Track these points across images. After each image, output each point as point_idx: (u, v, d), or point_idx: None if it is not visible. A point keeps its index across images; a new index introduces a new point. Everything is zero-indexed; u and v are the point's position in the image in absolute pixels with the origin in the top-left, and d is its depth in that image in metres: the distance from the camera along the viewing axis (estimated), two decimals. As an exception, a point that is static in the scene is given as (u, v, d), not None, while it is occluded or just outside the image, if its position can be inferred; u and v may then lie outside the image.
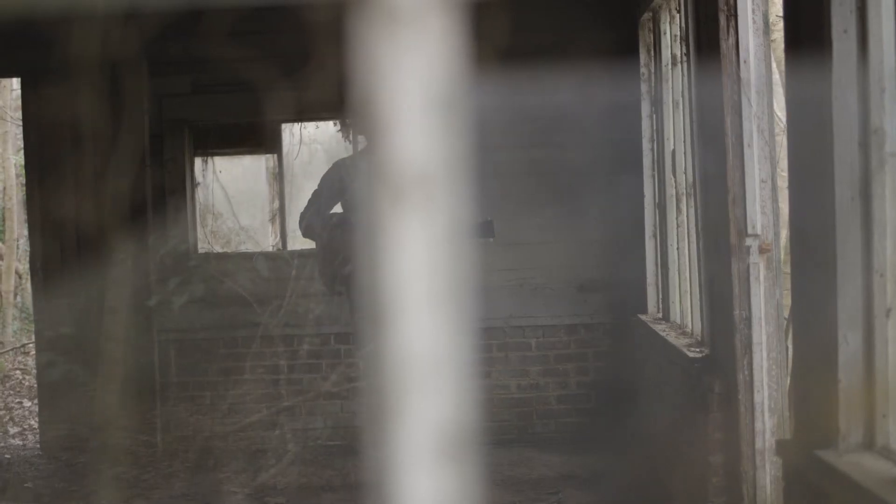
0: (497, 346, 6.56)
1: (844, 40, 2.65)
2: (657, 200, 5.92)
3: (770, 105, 4.04)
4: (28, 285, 12.59)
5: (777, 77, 6.93)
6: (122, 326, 6.31)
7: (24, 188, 7.16)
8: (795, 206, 3.11)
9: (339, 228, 5.29)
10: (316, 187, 5.53)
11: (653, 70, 5.96)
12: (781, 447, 3.28)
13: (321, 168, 9.49)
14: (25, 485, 5.91)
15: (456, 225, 0.64)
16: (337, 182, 5.37)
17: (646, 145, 6.06)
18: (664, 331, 5.38)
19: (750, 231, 3.98)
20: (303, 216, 5.44)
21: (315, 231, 5.39)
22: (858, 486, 2.43)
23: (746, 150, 3.98)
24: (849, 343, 2.66)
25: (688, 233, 5.23)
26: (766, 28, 4.03)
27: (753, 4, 4.01)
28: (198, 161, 6.99)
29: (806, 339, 3.00)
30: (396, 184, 0.62)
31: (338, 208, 5.68)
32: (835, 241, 2.67)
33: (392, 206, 0.62)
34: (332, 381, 5.94)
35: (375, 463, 0.65)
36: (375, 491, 0.65)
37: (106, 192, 6.47)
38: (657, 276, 5.98)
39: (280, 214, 7.07)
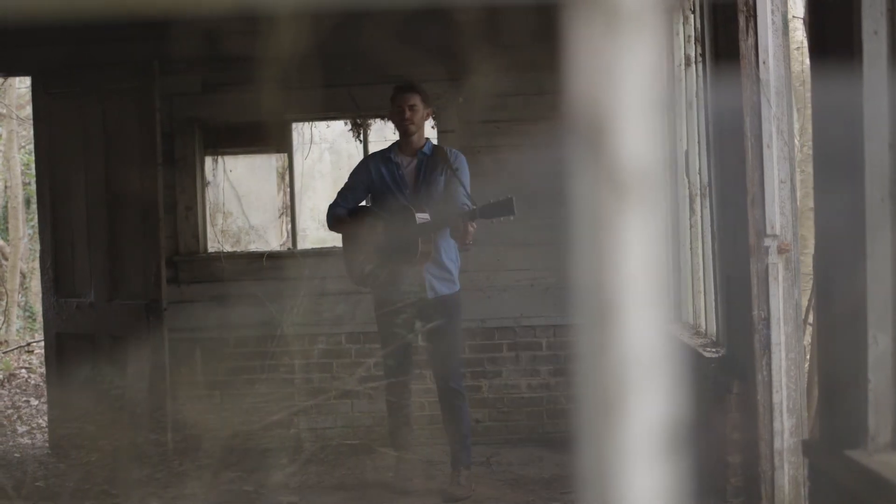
0: (507, 345, 6.57)
1: (875, 42, 2.67)
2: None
3: (789, 106, 4.05)
4: (31, 284, 12.60)
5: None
6: (142, 324, 6.32)
7: (35, 186, 7.15)
8: (821, 207, 3.12)
9: (365, 222, 5.29)
10: (346, 181, 5.56)
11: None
12: (807, 447, 3.29)
13: (330, 167, 9.52)
14: (37, 483, 5.91)
15: (665, 222, 0.65)
16: (365, 177, 5.39)
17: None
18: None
19: (769, 231, 4.00)
20: (331, 208, 5.46)
21: (342, 223, 5.40)
22: (891, 484, 2.45)
23: (766, 151, 3.99)
24: (878, 343, 2.67)
25: (701, 233, 5.24)
26: (786, 29, 4.05)
27: (773, 5, 4.02)
28: (208, 160, 7.00)
29: (833, 339, 3.01)
30: (619, 182, 0.63)
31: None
32: (864, 241, 2.68)
33: (615, 204, 0.63)
34: (355, 380, 5.94)
35: (593, 458, 0.66)
36: (592, 486, 0.66)
37: (117, 190, 6.48)
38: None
39: (290, 214, 7.07)
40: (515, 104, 6.56)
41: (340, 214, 5.41)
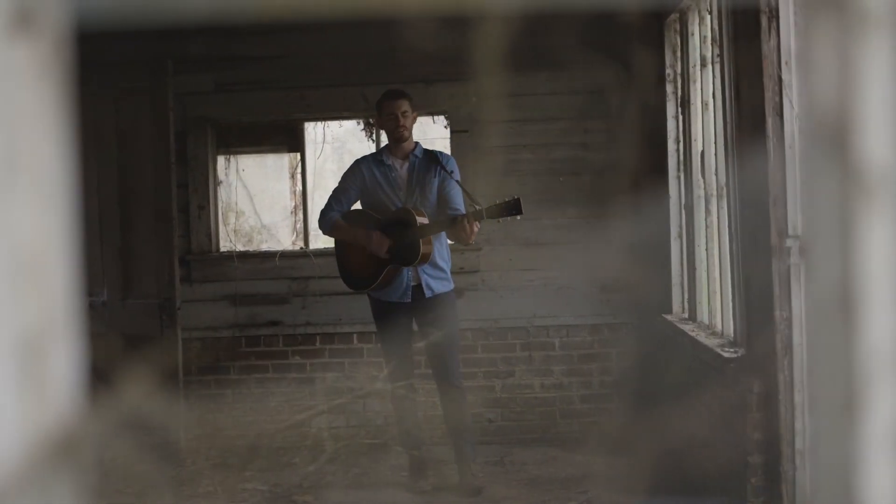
0: (521, 345, 6.58)
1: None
2: (683, 201, 5.94)
3: (811, 107, 4.06)
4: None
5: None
6: (155, 323, 6.32)
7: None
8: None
9: (366, 226, 5.33)
10: (337, 185, 5.58)
11: (679, 71, 5.98)
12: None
13: (340, 166, 9.52)
14: (50, 482, 5.91)
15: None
16: (359, 179, 5.43)
17: (671, 146, 6.08)
18: (692, 331, 5.39)
19: (791, 232, 4.00)
20: (324, 212, 5.49)
21: (339, 227, 5.42)
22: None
23: (788, 152, 4.00)
24: (912, 344, 2.68)
25: (717, 233, 5.25)
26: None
27: (795, 6, 4.03)
28: (220, 159, 7.00)
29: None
30: (864, 182, 0.64)
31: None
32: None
33: (860, 204, 0.64)
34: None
35: (832, 453, 0.67)
36: (831, 482, 0.67)
37: (129, 189, 6.48)
38: (682, 276, 5.99)
39: (302, 213, 7.08)
40: (526, 104, 6.57)
41: (336, 219, 5.43)
